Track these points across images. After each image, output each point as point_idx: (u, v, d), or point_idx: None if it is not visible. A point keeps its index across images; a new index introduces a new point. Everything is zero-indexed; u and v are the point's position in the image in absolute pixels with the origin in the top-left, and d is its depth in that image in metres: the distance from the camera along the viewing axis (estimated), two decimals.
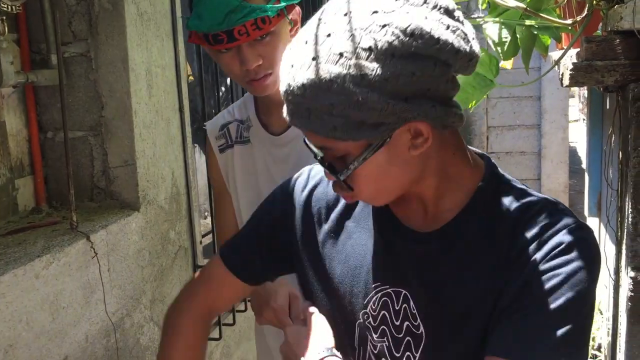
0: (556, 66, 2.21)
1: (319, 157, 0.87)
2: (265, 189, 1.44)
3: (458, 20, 0.82)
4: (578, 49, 1.97)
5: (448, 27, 0.79)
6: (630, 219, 1.79)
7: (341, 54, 0.77)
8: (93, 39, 1.83)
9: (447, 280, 0.90)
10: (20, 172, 1.79)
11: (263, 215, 1.12)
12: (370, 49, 0.76)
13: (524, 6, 1.81)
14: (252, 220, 1.13)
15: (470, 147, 0.98)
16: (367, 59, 0.76)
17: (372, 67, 0.76)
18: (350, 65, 0.77)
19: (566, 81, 1.91)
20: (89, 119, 1.87)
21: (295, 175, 1.10)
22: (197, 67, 2.37)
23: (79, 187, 1.86)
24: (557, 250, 0.84)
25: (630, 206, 1.79)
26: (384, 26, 0.77)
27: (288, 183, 1.09)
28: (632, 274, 1.81)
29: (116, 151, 1.87)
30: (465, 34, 0.82)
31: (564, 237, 0.85)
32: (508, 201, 0.91)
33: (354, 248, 0.99)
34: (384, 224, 0.97)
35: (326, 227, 1.02)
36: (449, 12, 0.81)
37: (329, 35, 0.79)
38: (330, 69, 0.77)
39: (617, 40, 1.80)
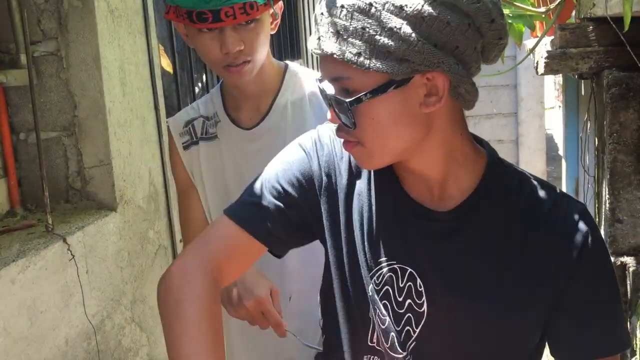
0: (531, 54, 2.22)
1: (328, 92, 0.86)
2: (233, 186, 1.41)
3: (499, 1, 0.86)
4: (552, 37, 1.98)
5: None
6: (607, 205, 1.81)
7: None
8: (63, 37, 1.80)
9: (456, 261, 0.92)
10: None
11: (284, 174, 1.01)
12: None
13: None
14: (269, 179, 1.01)
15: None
16: None
17: (414, 2, 0.80)
18: None
19: (541, 69, 1.92)
20: (62, 119, 1.84)
21: (320, 137, 1.02)
22: (172, 63, 2.34)
23: (54, 189, 1.83)
24: (582, 247, 0.90)
25: (607, 192, 1.81)
26: None
27: (314, 145, 1.02)
28: (611, 259, 1.83)
29: (91, 151, 1.84)
30: (502, 12, 0.85)
31: (581, 230, 0.90)
32: (515, 185, 0.94)
33: (368, 219, 0.97)
34: (395, 198, 0.96)
35: (347, 194, 0.99)
36: None
37: None
38: None
39: (591, 27, 1.81)
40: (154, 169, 2.10)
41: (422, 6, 0.80)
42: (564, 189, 3.43)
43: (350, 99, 0.84)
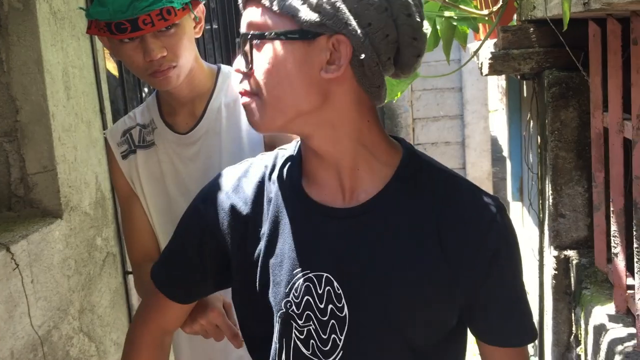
0: (475, 57, 2.28)
1: (239, 35, 0.90)
2: (174, 191, 1.41)
3: (419, 2, 0.90)
4: (495, 40, 2.04)
5: None
6: (550, 200, 1.87)
7: None
8: (3, 40, 1.74)
9: (370, 257, 0.92)
10: None
11: (188, 228, 1.07)
12: None
13: None
14: (178, 235, 1.08)
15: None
16: None
17: None
18: None
19: (485, 70, 1.97)
20: (3, 124, 1.78)
21: (211, 184, 1.06)
22: (118, 66, 2.30)
23: None
24: (495, 238, 0.92)
25: (550, 188, 1.87)
26: None
27: (206, 194, 1.06)
28: (554, 252, 1.89)
29: (34, 157, 1.79)
30: (422, 13, 0.89)
31: (496, 219, 0.93)
32: (431, 178, 0.95)
33: (275, 238, 0.98)
34: (301, 208, 0.96)
35: (251, 224, 1.00)
36: None
37: None
38: None
39: (532, 29, 1.87)
40: (100, 174, 2.05)
41: None
42: (508, 189, 3.53)
43: (255, 33, 0.87)
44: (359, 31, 0.84)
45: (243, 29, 0.90)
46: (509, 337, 0.97)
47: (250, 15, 0.89)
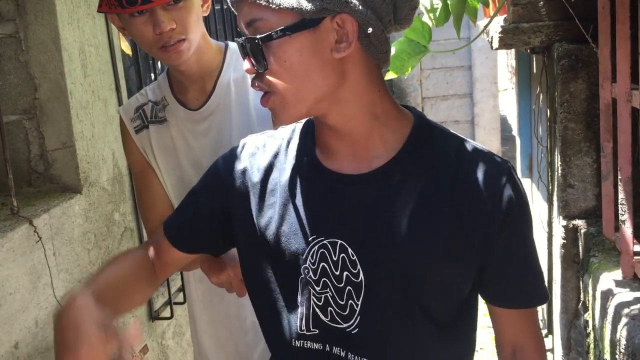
0: (485, 33, 2.29)
1: (243, 38, 0.90)
2: (187, 165, 1.45)
3: None
4: (505, 15, 2.05)
5: None
6: (559, 172, 1.90)
7: None
8: (21, 19, 1.77)
9: (383, 223, 0.93)
10: None
11: (204, 180, 1.11)
12: None
13: None
14: (195, 186, 1.12)
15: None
16: None
17: None
18: None
19: (495, 44, 1.98)
20: (22, 102, 1.82)
21: (233, 147, 1.10)
22: (132, 45, 2.33)
23: (16, 173, 1.81)
24: (508, 198, 0.93)
25: (559, 159, 1.90)
26: None
27: (227, 154, 1.09)
28: (563, 222, 1.92)
29: (53, 134, 1.83)
30: None
31: (508, 181, 0.94)
32: (442, 144, 0.97)
33: (288, 206, 1.00)
34: (314, 176, 0.98)
35: (261, 191, 1.03)
36: None
37: None
38: None
39: (541, 3, 1.89)
40: (117, 151, 2.09)
41: None
42: (518, 166, 3.55)
43: (261, 36, 0.87)
44: (359, 5, 0.85)
45: (244, 30, 0.90)
46: (522, 299, 0.99)
47: (248, 15, 0.88)
